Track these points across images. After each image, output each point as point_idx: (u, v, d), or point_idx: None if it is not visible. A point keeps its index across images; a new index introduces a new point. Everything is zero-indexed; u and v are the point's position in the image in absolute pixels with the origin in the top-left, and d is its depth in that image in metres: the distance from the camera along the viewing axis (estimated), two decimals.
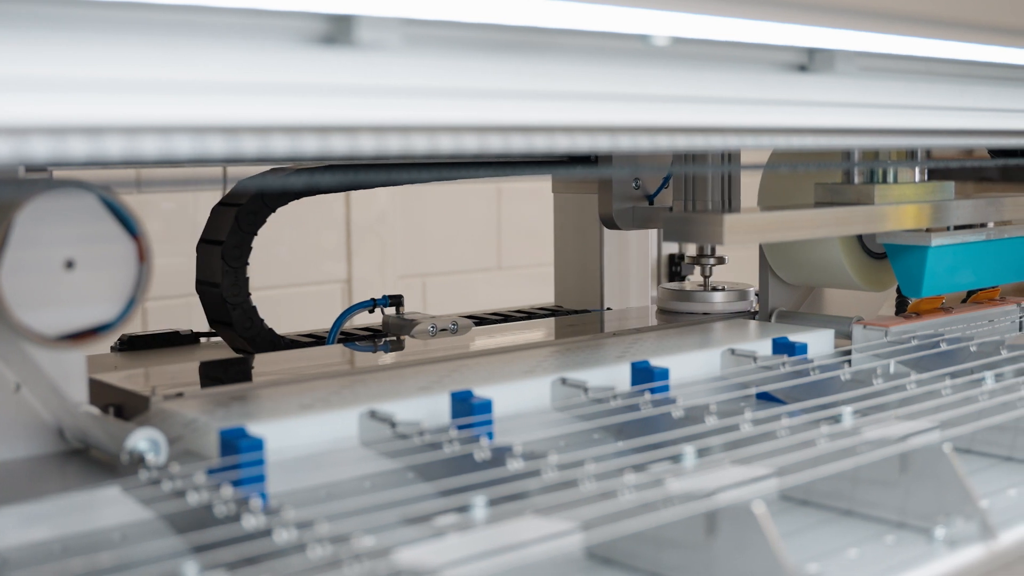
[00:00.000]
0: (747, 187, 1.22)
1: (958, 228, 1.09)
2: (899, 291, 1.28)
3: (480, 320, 1.30)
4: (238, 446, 0.68)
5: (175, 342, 1.19)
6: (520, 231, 2.58)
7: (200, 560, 0.52)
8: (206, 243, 1.14)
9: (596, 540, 0.59)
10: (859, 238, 1.12)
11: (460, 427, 0.77)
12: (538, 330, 1.20)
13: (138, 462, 0.67)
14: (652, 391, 0.84)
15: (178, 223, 2.01)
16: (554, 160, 1.24)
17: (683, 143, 0.71)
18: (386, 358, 1.01)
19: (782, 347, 0.98)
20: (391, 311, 1.15)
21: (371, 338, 1.17)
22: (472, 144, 0.60)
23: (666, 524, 0.60)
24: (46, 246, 0.69)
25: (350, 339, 1.18)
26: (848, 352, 1.03)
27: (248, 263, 1.13)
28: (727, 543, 0.59)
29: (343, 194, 2.26)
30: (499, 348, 1.01)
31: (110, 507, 0.65)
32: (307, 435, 0.75)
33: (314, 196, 1.27)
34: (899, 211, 1.02)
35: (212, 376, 0.97)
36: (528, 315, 1.35)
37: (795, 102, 0.74)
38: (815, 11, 0.71)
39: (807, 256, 1.12)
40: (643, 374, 0.88)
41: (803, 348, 0.98)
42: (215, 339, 1.20)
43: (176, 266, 1.38)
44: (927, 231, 1.07)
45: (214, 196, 1.18)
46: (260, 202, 1.12)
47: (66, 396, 0.74)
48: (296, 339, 1.17)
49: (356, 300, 1.18)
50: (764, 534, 0.57)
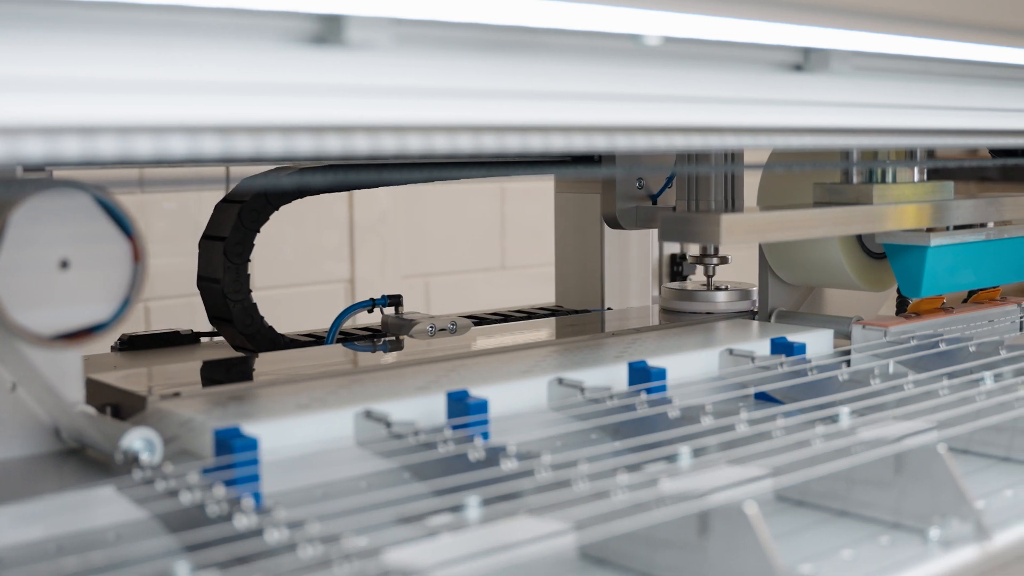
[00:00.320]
0: (751, 187, 1.22)
1: (957, 228, 1.09)
2: (899, 291, 1.28)
3: (480, 320, 1.30)
4: (232, 446, 0.68)
5: (175, 342, 1.19)
6: (523, 231, 2.58)
7: (192, 559, 0.52)
8: (208, 239, 1.14)
9: (588, 540, 0.59)
10: (858, 238, 1.12)
11: (456, 427, 0.77)
12: (538, 330, 1.20)
13: (132, 462, 0.68)
14: (649, 391, 0.84)
15: (181, 223, 2.01)
16: (556, 160, 1.24)
17: (679, 143, 0.71)
18: (384, 358, 1.01)
19: (780, 347, 0.98)
20: (390, 311, 1.15)
21: (370, 338, 1.17)
22: (465, 144, 0.60)
23: (659, 524, 0.60)
24: (41, 246, 0.69)
25: (349, 339, 1.18)
26: (847, 352, 1.03)
27: (250, 260, 1.13)
28: (719, 544, 0.59)
29: (346, 194, 2.27)
30: (497, 348, 1.01)
31: (104, 507, 0.65)
32: (303, 435, 0.75)
33: (316, 196, 1.27)
34: (898, 211, 1.02)
35: (210, 376, 0.97)
36: (528, 315, 1.35)
37: (790, 102, 0.74)
38: (810, 11, 0.71)
39: (807, 256, 1.12)
40: (640, 374, 0.88)
41: (801, 348, 0.98)
42: (215, 339, 1.20)
43: (177, 266, 1.38)
44: (926, 231, 1.06)
45: (217, 196, 1.18)
46: (263, 199, 1.12)
47: (62, 396, 0.74)
48: (295, 338, 1.17)
49: (359, 300, 1.17)
50: (756, 535, 0.57)
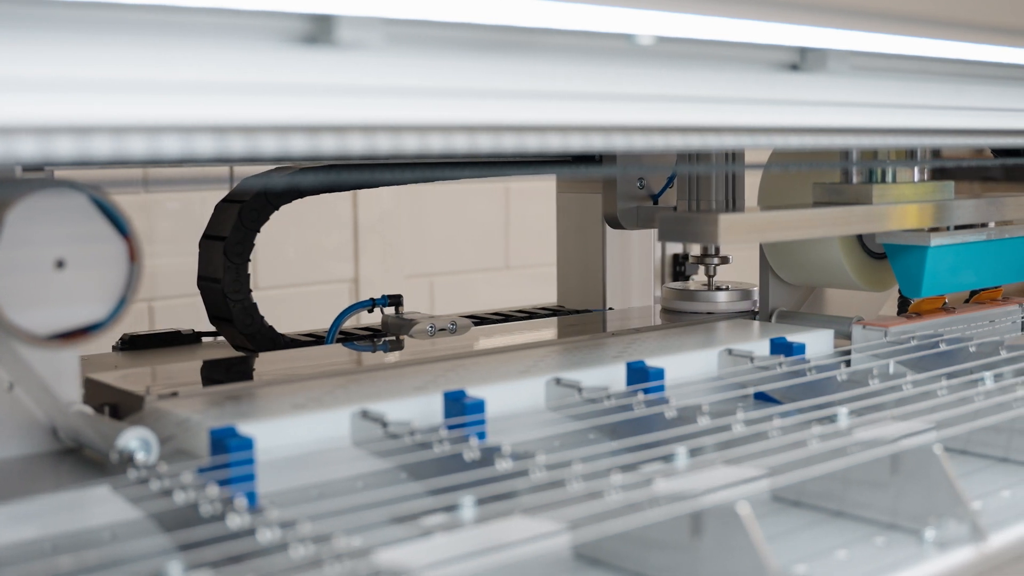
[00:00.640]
0: (751, 187, 1.22)
1: (958, 228, 1.08)
2: (900, 291, 1.28)
3: (481, 320, 1.30)
4: (227, 445, 0.68)
5: (176, 341, 1.19)
6: (528, 231, 2.58)
7: (185, 559, 0.52)
8: (209, 239, 1.14)
9: (582, 540, 0.59)
10: (859, 238, 1.12)
11: (453, 427, 0.77)
12: (538, 330, 1.20)
13: (128, 461, 0.68)
14: (647, 391, 0.84)
15: (184, 222, 2.01)
16: (557, 160, 1.23)
17: (677, 143, 0.71)
18: (383, 358, 1.01)
19: (780, 347, 0.98)
20: (390, 311, 1.15)
21: (370, 338, 1.17)
22: (460, 144, 0.60)
23: (652, 525, 0.60)
24: (37, 246, 0.70)
25: (349, 339, 1.18)
26: (848, 352, 1.02)
27: (250, 259, 1.13)
28: (712, 544, 0.58)
29: (350, 194, 2.27)
30: (496, 348, 1.01)
31: (100, 506, 0.65)
32: (299, 435, 0.75)
33: (318, 195, 1.27)
34: (897, 211, 1.01)
35: (209, 376, 0.97)
36: (529, 315, 1.35)
37: (788, 101, 0.74)
38: (807, 10, 0.70)
39: (807, 256, 1.12)
40: (638, 374, 0.88)
41: (801, 348, 0.97)
42: (217, 339, 1.20)
43: (180, 265, 1.38)
44: (927, 231, 1.06)
45: (219, 195, 1.18)
46: (264, 199, 1.12)
47: (58, 395, 0.74)
48: (296, 338, 1.18)
49: (364, 300, 1.17)
50: (749, 535, 0.57)
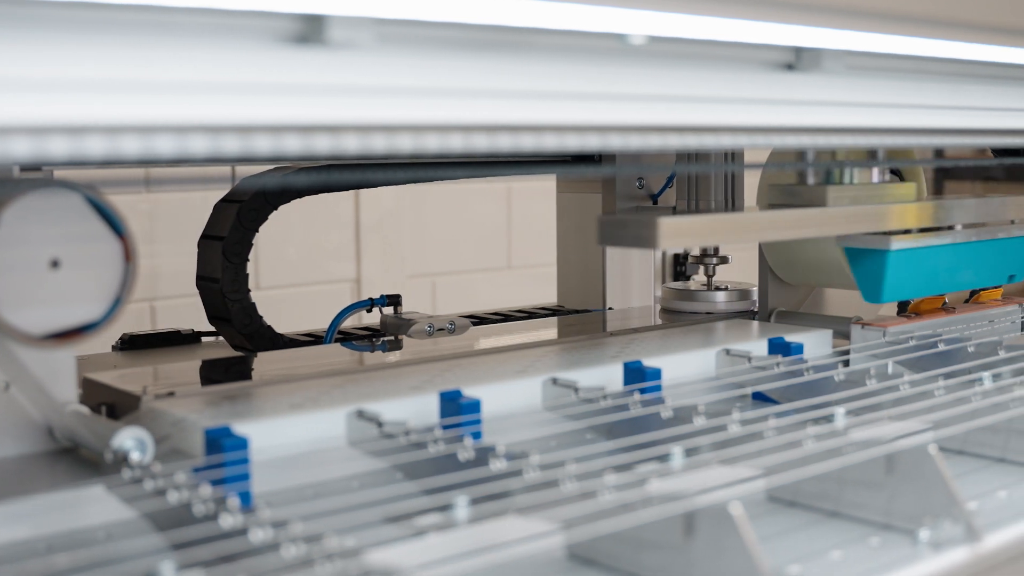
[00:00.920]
0: (751, 187, 1.22)
1: (925, 230, 1.02)
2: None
3: (480, 320, 1.30)
4: (222, 445, 0.68)
5: (175, 341, 1.19)
6: (530, 231, 2.58)
7: (178, 558, 0.52)
8: (207, 239, 1.14)
9: (575, 540, 0.59)
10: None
11: (449, 427, 0.77)
12: (537, 330, 1.20)
13: (122, 461, 0.68)
14: (644, 391, 0.84)
15: (186, 222, 2.01)
16: (556, 160, 1.23)
17: (672, 142, 0.71)
18: (381, 358, 1.01)
19: (778, 347, 0.98)
20: (389, 311, 1.15)
21: (368, 338, 1.17)
22: (454, 144, 0.60)
23: (645, 525, 0.60)
24: (32, 245, 0.70)
25: (348, 339, 1.18)
26: (846, 352, 1.02)
27: (248, 259, 1.13)
28: (705, 544, 0.58)
29: (352, 194, 2.27)
30: (493, 348, 1.01)
31: (94, 506, 0.65)
32: (294, 435, 0.75)
33: (318, 195, 1.27)
34: (854, 213, 0.95)
35: (207, 375, 0.97)
36: (529, 315, 1.35)
37: (783, 101, 0.74)
38: (802, 10, 0.70)
39: (806, 256, 1.12)
40: (635, 374, 0.88)
41: (799, 348, 0.97)
42: (216, 338, 1.20)
43: (180, 265, 1.38)
44: (887, 234, 1.00)
45: (222, 195, 1.18)
46: (262, 199, 1.12)
47: (54, 395, 0.74)
48: (294, 338, 1.18)
49: (362, 300, 1.17)
50: (741, 536, 0.57)
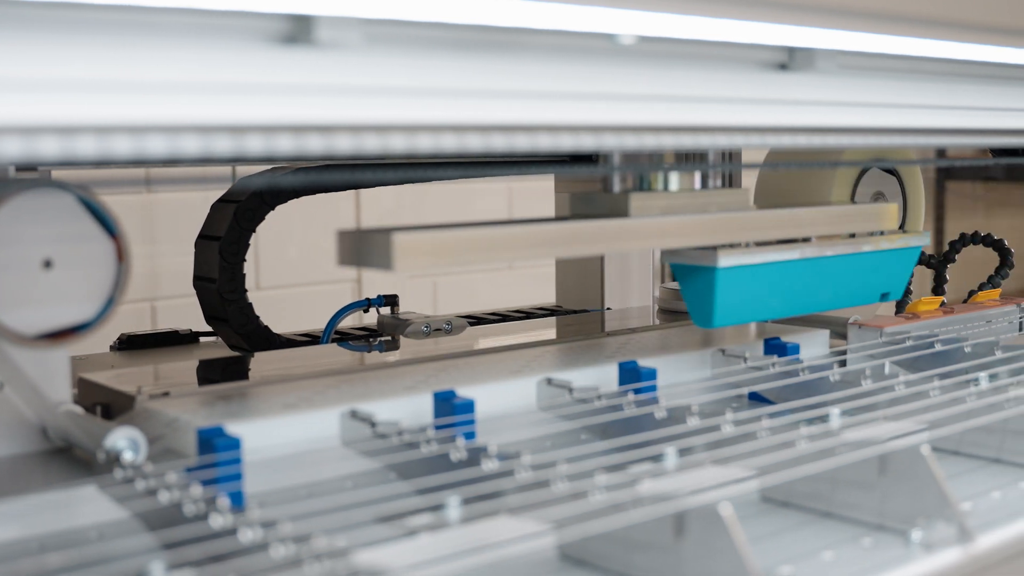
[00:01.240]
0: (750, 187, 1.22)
1: (767, 244, 0.89)
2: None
3: (478, 320, 1.30)
4: (214, 445, 0.68)
5: (173, 341, 1.19)
6: None
7: (168, 558, 0.52)
8: (204, 239, 1.14)
9: (565, 541, 0.59)
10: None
11: (442, 427, 0.77)
12: (535, 330, 1.20)
13: (114, 461, 0.68)
14: (639, 391, 0.84)
15: (188, 221, 2.01)
16: (554, 159, 1.23)
17: (667, 142, 0.71)
18: (377, 358, 1.01)
19: (773, 348, 0.98)
20: (386, 310, 1.15)
21: (365, 338, 1.17)
22: (448, 143, 0.60)
23: (636, 526, 0.60)
24: (24, 245, 0.70)
25: (345, 339, 1.18)
26: (843, 353, 1.02)
27: (245, 260, 1.13)
28: (695, 545, 0.58)
29: (352, 194, 2.27)
30: (490, 348, 1.01)
31: (86, 505, 0.66)
32: (288, 435, 0.75)
33: (319, 195, 1.27)
34: (658, 225, 0.83)
35: (203, 375, 0.97)
36: (527, 315, 1.34)
37: (776, 101, 0.74)
38: (795, 10, 0.70)
39: None
40: (630, 374, 0.88)
41: (795, 348, 0.97)
42: (214, 339, 1.20)
43: (181, 265, 1.39)
44: (715, 248, 0.86)
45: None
46: (259, 199, 1.12)
47: (46, 395, 0.74)
48: (291, 338, 1.18)
49: (359, 300, 1.17)
50: (731, 536, 0.57)
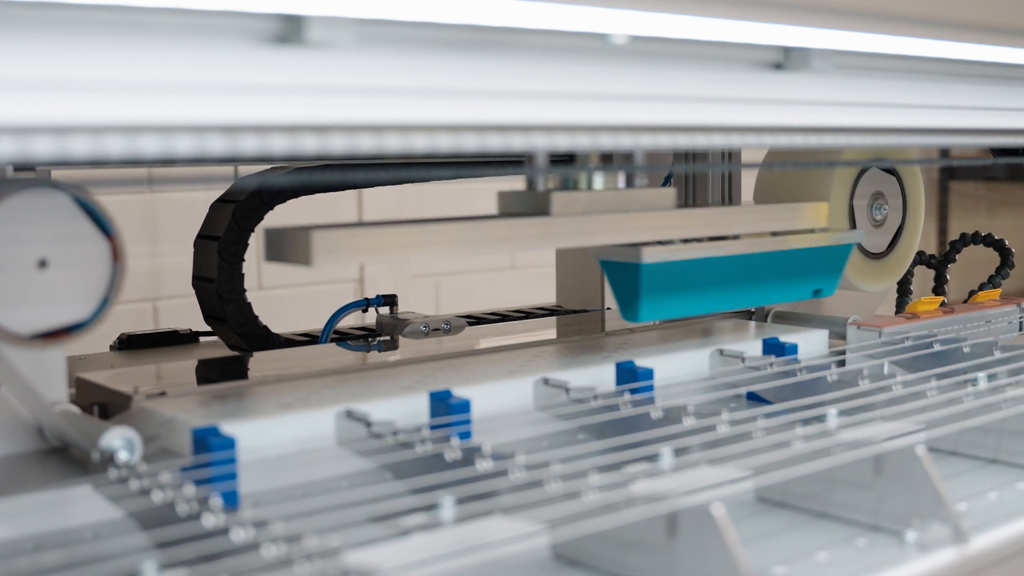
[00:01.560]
0: (749, 187, 1.21)
1: (694, 241, 0.91)
2: (899, 291, 1.27)
3: (477, 320, 1.29)
4: (209, 445, 0.68)
5: (173, 341, 1.19)
6: None
7: (161, 557, 0.52)
8: (203, 239, 1.14)
9: (558, 541, 0.59)
10: None
11: (438, 427, 0.77)
12: (534, 330, 1.20)
13: (109, 461, 0.68)
14: (636, 391, 0.84)
15: (189, 221, 2.01)
16: (553, 159, 1.23)
17: (663, 142, 0.71)
18: (375, 357, 1.01)
19: (772, 347, 0.98)
20: (385, 310, 1.15)
21: (364, 337, 1.17)
22: (443, 143, 0.60)
23: (629, 526, 0.60)
24: (19, 245, 0.70)
25: (344, 338, 1.18)
26: (842, 353, 1.02)
27: (244, 259, 1.13)
28: (688, 545, 0.58)
29: (354, 194, 2.27)
30: (488, 348, 1.01)
31: (81, 505, 0.66)
32: (283, 434, 0.75)
33: (322, 195, 1.27)
34: (578, 224, 0.83)
35: (202, 375, 0.97)
36: (526, 315, 1.34)
37: (771, 100, 0.73)
38: (791, 9, 0.70)
39: None
40: (627, 374, 0.87)
41: (793, 348, 0.97)
42: (214, 338, 1.20)
43: (184, 265, 1.39)
44: (639, 245, 0.88)
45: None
46: (258, 198, 1.12)
47: (42, 395, 0.74)
48: (290, 338, 1.18)
49: (357, 300, 1.17)
50: (723, 537, 0.57)
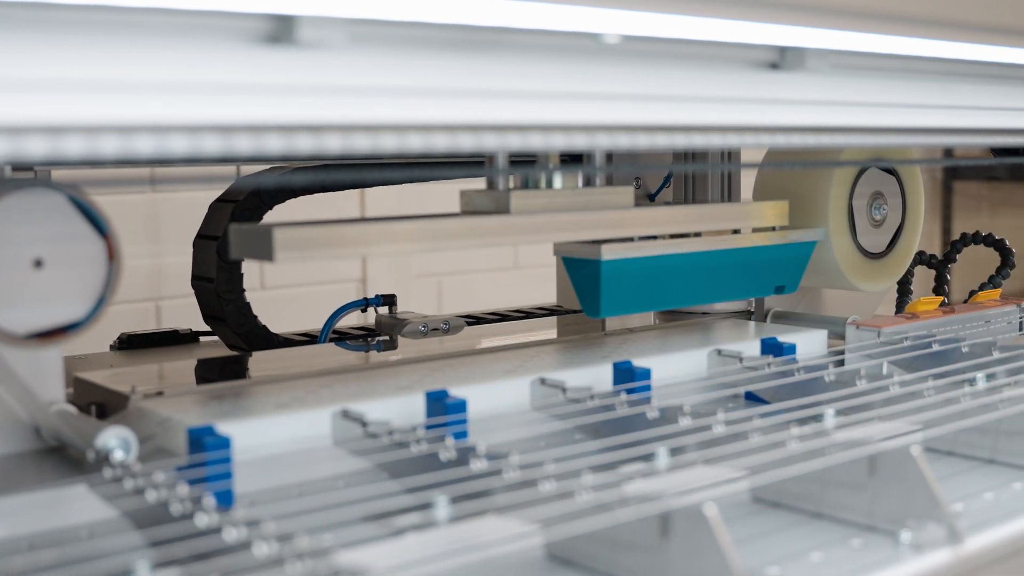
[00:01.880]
0: (748, 187, 1.21)
1: (668, 239, 0.95)
2: (899, 291, 1.27)
3: (477, 320, 1.29)
4: (204, 444, 0.68)
5: (173, 341, 1.19)
6: None
7: (152, 556, 0.53)
8: (202, 239, 1.14)
9: (551, 540, 0.59)
10: (854, 237, 1.11)
11: (434, 426, 0.77)
12: (533, 330, 1.20)
13: (104, 460, 0.68)
14: (633, 391, 0.84)
15: (191, 221, 2.02)
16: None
17: (660, 141, 0.71)
18: (373, 357, 1.01)
19: (770, 347, 0.98)
20: (384, 310, 1.15)
21: (363, 337, 1.17)
22: (440, 143, 0.60)
23: (622, 526, 0.60)
24: (15, 245, 0.70)
25: (343, 338, 1.18)
26: (841, 353, 1.02)
27: (243, 259, 1.13)
28: (680, 546, 0.58)
29: (357, 193, 2.27)
30: (486, 348, 1.01)
31: (76, 504, 0.66)
32: (279, 434, 0.75)
33: (324, 195, 1.27)
34: (535, 222, 0.85)
35: (200, 375, 0.97)
36: (526, 315, 1.34)
37: (767, 100, 0.73)
38: (786, 9, 0.70)
39: None
40: (624, 374, 0.87)
41: (791, 348, 0.97)
42: (214, 338, 1.20)
43: (186, 265, 1.39)
44: (599, 243, 0.90)
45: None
46: (257, 198, 1.12)
47: (37, 394, 0.74)
48: (289, 337, 1.18)
49: (356, 300, 1.17)
50: (715, 537, 0.57)
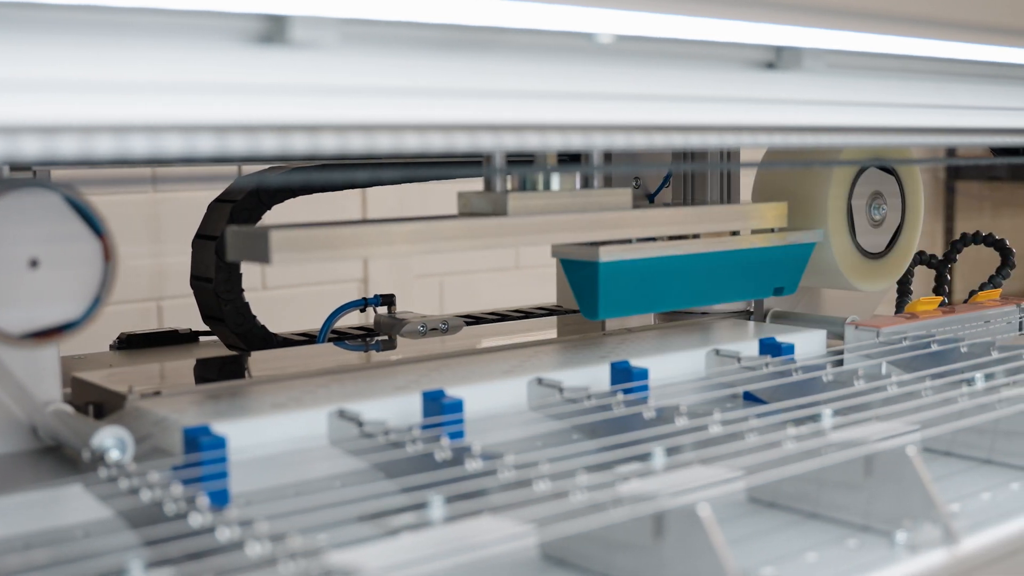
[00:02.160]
0: (747, 187, 1.21)
1: (666, 240, 0.95)
2: (898, 291, 1.27)
3: (476, 320, 1.29)
4: (200, 444, 0.68)
5: (172, 341, 1.20)
6: None
7: (147, 556, 0.53)
8: (201, 239, 1.14)
9: (545, 540, 0.59)
10: (853, 237, 1.11)
11: (430, 426, 0.77)
12: (532, 330, 1.20)
13: (99, 460, 0.68)
14: (631, 391, 0.84)
15: (193, 221, 2.02)
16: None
17: (657, 141, 0.71)
18: (371, 357, 1.01)
19: (768, 347, 0.97)
20: (383, 310, 1.15)
21: (361, 337, 1.17)
22: (436, 143, 0.60)
23: (617, 526, 0.60)
24: (10, 245, 0.70)
25: (342, 338, 1.18)
26: (839, 353, 1.02)
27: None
28: (674, 546, 0.58)
29: (358, 193, 2.27)
30: (484, 348, 1.01)
31: (72, 504, 0.66)
32: (276, 434, 0.75)
33: (325, 194, 1.27)
34: (532, 223, 0.85)
35: (198, 375, 0.97)
36: (525, 315, 1.34)
37: (764, 100, 0.73)
38: (782, 9, 0.70)
39: None
40: (622, 374, 0.87)
41: (789, 348, 0.97)
42: (213, 338, 1.20)
43: (188, 265, 1.39)
44: (597, 244, 0.91)
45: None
46: (256, 198, 1.12)
47: (33, 394, 0.74)
48: (288, 337, 1.18)
49: (355, 299, 1.17)
50: (709, 537, 0.57)
